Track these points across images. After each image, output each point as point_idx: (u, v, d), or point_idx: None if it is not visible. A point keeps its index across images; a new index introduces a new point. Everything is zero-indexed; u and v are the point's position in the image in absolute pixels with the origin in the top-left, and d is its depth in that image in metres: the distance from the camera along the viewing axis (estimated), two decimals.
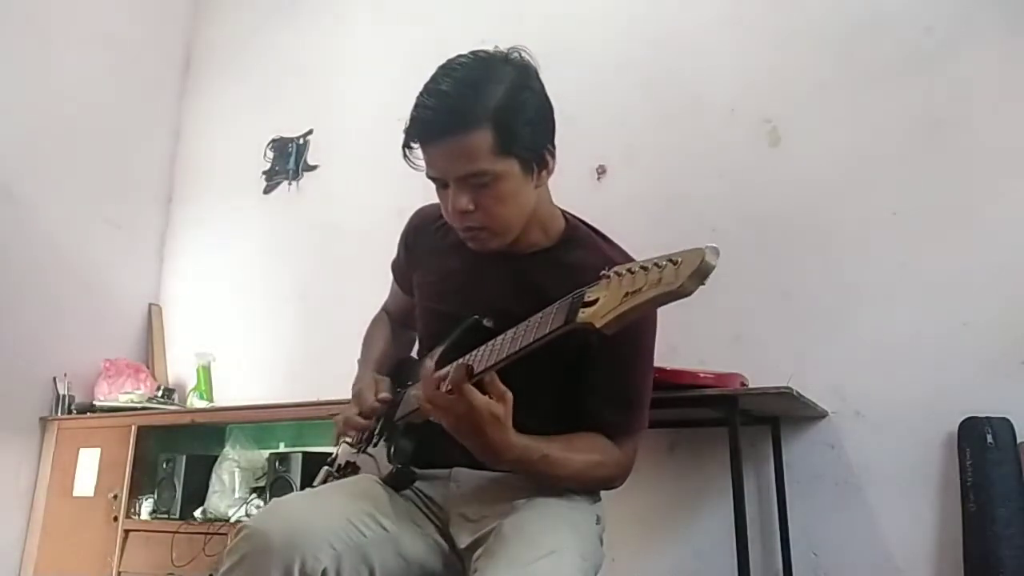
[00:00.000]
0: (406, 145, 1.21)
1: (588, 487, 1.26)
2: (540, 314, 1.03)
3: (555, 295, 1.05)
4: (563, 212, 1.34)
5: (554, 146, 1.24)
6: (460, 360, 1.11)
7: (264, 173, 3.48)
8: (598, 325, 0.92)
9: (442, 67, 1.19)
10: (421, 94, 1.18)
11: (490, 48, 1.22)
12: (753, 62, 2.38)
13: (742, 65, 2.39)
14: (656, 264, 0.88)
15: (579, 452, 1.19)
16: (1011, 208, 1.95)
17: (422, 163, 1.21)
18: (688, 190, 2.39)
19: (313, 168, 3.35)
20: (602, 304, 0.92)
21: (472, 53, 1.20)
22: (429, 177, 1.21)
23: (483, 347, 1.11)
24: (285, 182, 3.41)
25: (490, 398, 1.06)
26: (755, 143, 2.31)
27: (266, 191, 3.46)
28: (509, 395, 1.07)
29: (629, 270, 0.91)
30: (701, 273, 0.85)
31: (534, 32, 2.78)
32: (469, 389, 1.05)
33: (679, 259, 0.86)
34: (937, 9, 2.13)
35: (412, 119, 1.18)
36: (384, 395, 1.33)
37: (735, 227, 2.26)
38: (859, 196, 2.14)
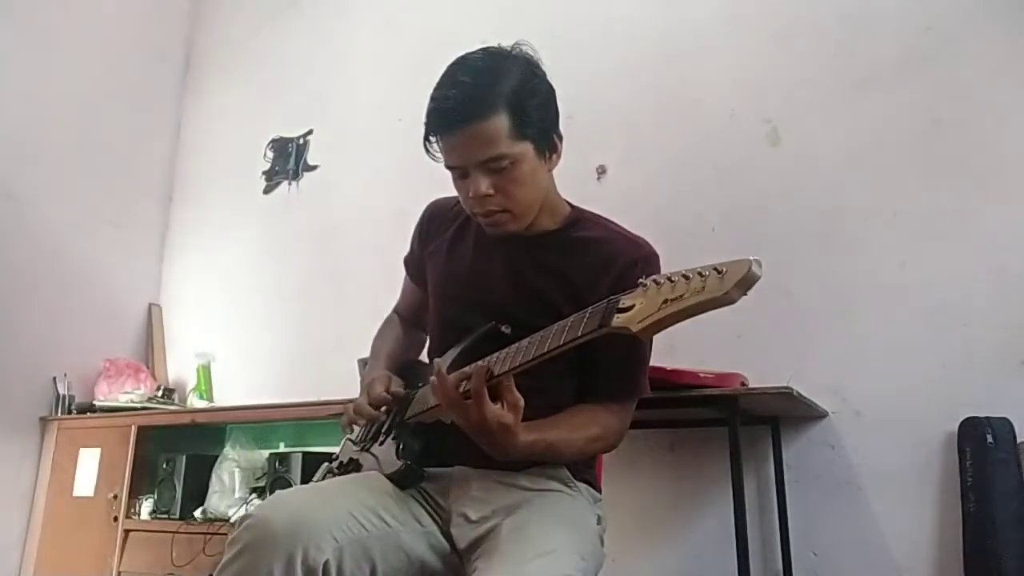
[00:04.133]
0: (426, 138, 1.25)
1: (588, 457, 1.31)
2: (571, 318, 1.04)
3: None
4: (567, 202, 1.39)
5: (560, 132, 1.28)
6: (481, 362, 1.11)
7: (264, 173, 3.48)
8: (635, 330, 0.92)
9: (455, 62, 1.25)
10: (438, 87, 1.23)
11: (496, 45, 1.27)
12: (753, 62, 2.38)
13: (742, 65, 2.39)
14: (699, 273, 0.88)
15: (579, 430, 1.21)
16: (1011, 208, 1.95)
17: (441, 155, 1.25)
18: (688, 190, 2.39)
19: (313, 168, 3.35)
20: (639, 310, 0.93)
21: (482, 49, 1.26)
22: (448, 167, 1.25)
23: (507, 348, 1.11)
24: (285, 182, 3.41)
25: (502, 405, 1.06)
26: (755, 143, 2.31)
27: (266, 191, 3.46)
28: (521, 403, 1.07)
29: (669, 278, 0.91)
30: (747, 283, 0.85)
31: (534, 32, 2.77)
32: (483, 400, 1.06)
33: (724, 268, 0.87)
34: (937, 9, 2.13)
35: (432, 111, 1.23)
36: (396, 389, 1.35)
37: (735, 227, 2.26)
38: (859, 196, 2.14)
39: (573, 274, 1.22)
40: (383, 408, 1.34)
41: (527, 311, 1.14)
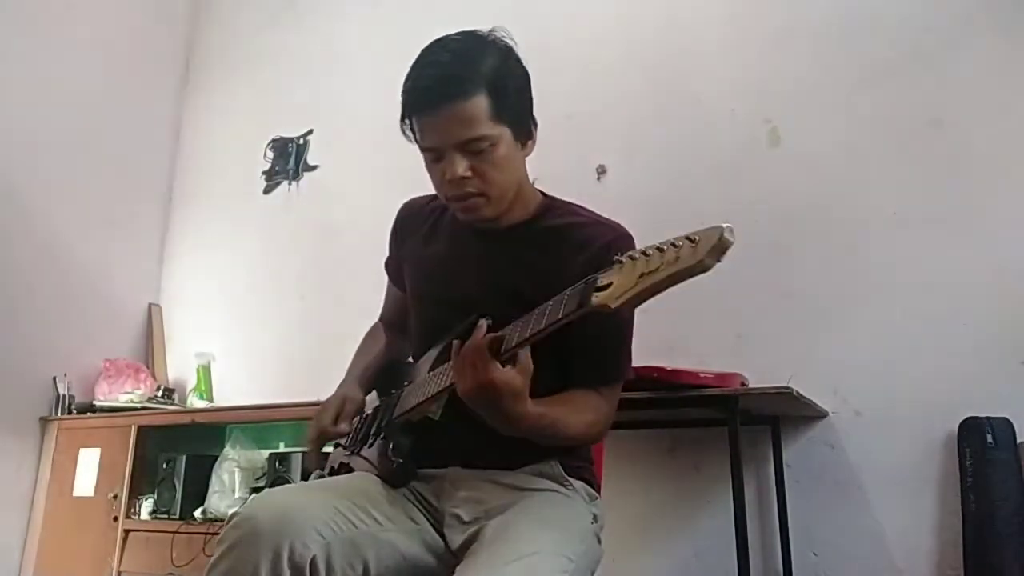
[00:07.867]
0: (404, 118, 1.23)
1: (582, 443, 1.28)
2: (551, 301, 1.03)
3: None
4: (539, 190, 1.38)
5: (536, 120, 1.28)
6: (496, 334, 1.08)
7: (264, 173, 3.48)
8: (613, 306, 0.92)
9: (434, 42, 1.24)
10: (415, 67, 1.22)
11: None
12: (753, 62, 2.38)
13: (742, 65, 2.39)
14: (673, 244, 0.88)
15: (580, 414, 1.20)
16: (1011, 208, 1.96)
17: (416, 137, 1.24)
18: (688, 190, 2.39)
19: (313, 168, 3.35)
20: (616, 286, 0.92)
21: (460, 32, 1.25)
22: (424, 149, 1.23)
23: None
24: (285, 182, 3.41)
25: (512, 368, 1.05)
26: (755, 143, 2.31)
27: (266, 191, 3.46)
28: (531, 368, 1.06)
29: (643, 253, 0.91)
30: (720, 249, 0.85)
31: (534, 32, 2.77)
32: (493, 363, 1.04)
33: (696, 237, 0.87)
34: (937, 9, 2.14)
35: (409, 91, 1.21)
36: (342, 426, 1.35)
37: (735, 227, 2.25)
38: (859, 196, 2.14)
39: (547, 266, 1.21)
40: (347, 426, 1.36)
41: (502, 307, 1.12)
